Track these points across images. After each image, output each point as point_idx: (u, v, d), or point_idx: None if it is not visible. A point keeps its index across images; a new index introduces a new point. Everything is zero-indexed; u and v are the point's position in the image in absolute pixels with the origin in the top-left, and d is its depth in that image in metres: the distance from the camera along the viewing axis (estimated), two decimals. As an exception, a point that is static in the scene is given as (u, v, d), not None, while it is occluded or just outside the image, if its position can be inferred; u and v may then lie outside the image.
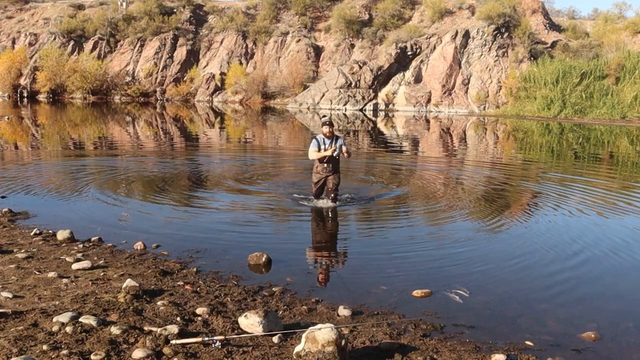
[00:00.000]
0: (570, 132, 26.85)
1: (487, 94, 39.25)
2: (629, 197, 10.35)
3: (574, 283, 5.38)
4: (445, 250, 6.23)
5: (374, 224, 7.33)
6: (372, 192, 9.79)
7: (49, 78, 43.82)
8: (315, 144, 7.97)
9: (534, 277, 5.46)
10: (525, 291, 5.07)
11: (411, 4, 47.75)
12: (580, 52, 39.36)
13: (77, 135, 20.51)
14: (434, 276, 5.36)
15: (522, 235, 7.12)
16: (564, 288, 5.21)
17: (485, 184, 11.38)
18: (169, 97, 45.47)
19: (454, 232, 7.10)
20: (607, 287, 5.33)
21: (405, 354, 3.65)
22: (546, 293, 5.04)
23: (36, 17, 52.97)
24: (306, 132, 24.59)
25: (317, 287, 5.08)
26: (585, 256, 6.27)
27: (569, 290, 5.15)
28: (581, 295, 5.07)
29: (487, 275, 5.47)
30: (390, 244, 6.39)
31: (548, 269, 5.74)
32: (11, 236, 6.20)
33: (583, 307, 4.78)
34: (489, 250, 6.33)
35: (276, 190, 9.57)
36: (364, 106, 39.67)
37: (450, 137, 23.95)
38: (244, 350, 3.55)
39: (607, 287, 5.33)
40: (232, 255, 5.80)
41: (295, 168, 12.85)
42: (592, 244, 6.78)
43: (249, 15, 50.14)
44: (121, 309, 4.11)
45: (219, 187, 10.15)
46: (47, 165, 12.48)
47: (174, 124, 26.96)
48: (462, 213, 8.33)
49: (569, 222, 7.93)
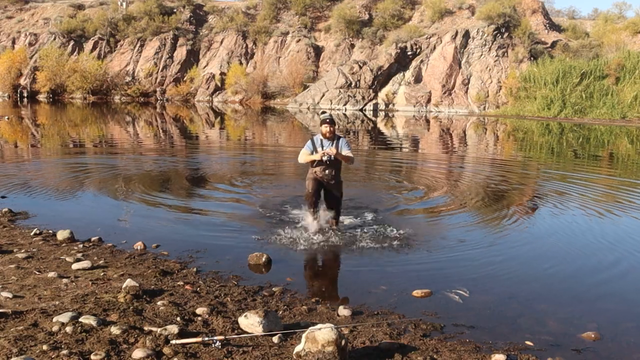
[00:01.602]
0: (570, 132, 26.85)
1: (487, 94, 39.25)
2: (630, 195, 10.35)
3: (574, 283, 5.38)
4: (445, 250, 6.22)
5: (373, 223, 7.32)
6: (371, 190, 9.79)
7: (49, 78, 43.82)
8: (309, 146, 6.66)
9: (534, 277, 5.45)
10: (525, 291, 5.07)
11: (411, 4, 47.76)
12: (580, 52, 39.36)
13: (77, 135, 20.51)
14: (434, 276, 5.36)
15: (522, 234, 7.11)
16: (564, 288, 5.21)
17: (485, 182, 11.38)
18: (169, 97, 45.47)
19: (454, 231, 7.10)
20: (607, 287, 5.33)
21: (405, 354, 3.65)
22: (546, 293, 5.04)
23: (36, 17, 52.97)
24: (306, 131, 24.60)
25: (317, 287, 5.07)
26: (585, 256, 6.27)
27: (569, 290, 5.15)
28: (581, 295, 5.07)
29: (487, 275, 5.46)
30: (390, 243, 6.38)
31: (548, 268, 5.74)
32: (11, 236, 6.20)
33: (583, 307, 4.78)
34: (489, 250, 6.32)
35: (270, 195, 9.52)
36: (364, 106, 39.67)
37: (451, 136, 23.94)
38: (244, 350, 3.55)
39: (607, 287, 5.33)
40: (232, 255, 5.80)
41: (295, 167, 12.85)
42: (592, 244, 6.78)
43: (249, 15, 50.15)
44: (121, 309, 4.11)
45: (219, 186, 10.15)
46: (47, 165, 12.48)
47: (174, 124, 26.96)
48: (462, 212, 8.33)
49: (569, 221, 7.92)
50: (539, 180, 12.21)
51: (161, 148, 16.97)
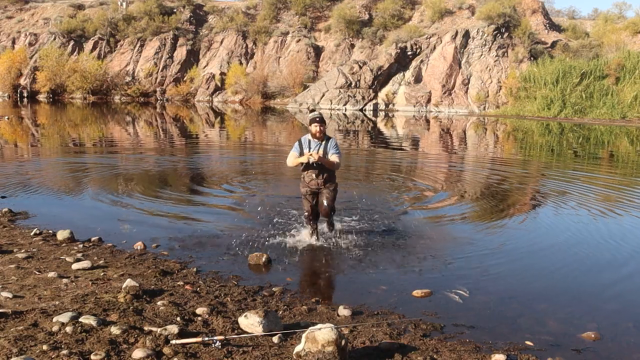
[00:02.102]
0: (570, 132, 26.85)
1: (487, 94, 39.26)
2: (631, 195, 10.34)
3: (574, 283, 5.38)
4: (445, 250, 6.22)
5: (373, 223, 7.32)
6: (371, 190, 9.78)
7: (49, 78, 43.84)
8: (297, 148, 6.19)
9: (534, 277, 5.45)
10: (525, 291, 5.07)
11: (411, 4, 47.78)
12: (580, 52, 39.37)
13: (77, 135, 20.50)
14: (434, 276, 5.36)
15: (522, 234, 7.11)
16: (564, 288, 5.21)
17: (485, 183, 11.38)
18: (169, 97, 45.48)
19: (454, 231, 7.10)
20: (607, 287, 5.33)
21: (405, 354, 3.65)
22: (546, 293, 5.03)
23: (36, 17, 52.98)
24: (305, 131, 24.57)
25: (317, 287, 5.07)
26: (585, 256, 6.27)
27: (569, 290, 5.15)
28: (581, 295, 5.07)
29: (487, 275, 5.46)
30: (390, 243, 6.38)
31: (548, 268, 5.73)
32: (11, 236, 6.20)
33: (583, 307, 4.78)
34: (489, 250, 6.32)
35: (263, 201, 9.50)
36: (364, 106, 39.67)
37: (451, 136, 23.94)
38: (244, 350, 3.55)
39: (607, 287, 5.33)
40: (232, 255, 5.80)
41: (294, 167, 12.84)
42: (592, 244, 6.78)
43: (249, 15, 50.16)
44: (121, 309, 4.11)
45: (219, 186, 10.15)
46: (48, 165, 12.48)
47: (174, 124, 26.96)
48: (462, 212, 8.33)
49: (569, 221, 7.92)
50: (539, 179, 12.20)
51: (161, 148, 16.96)
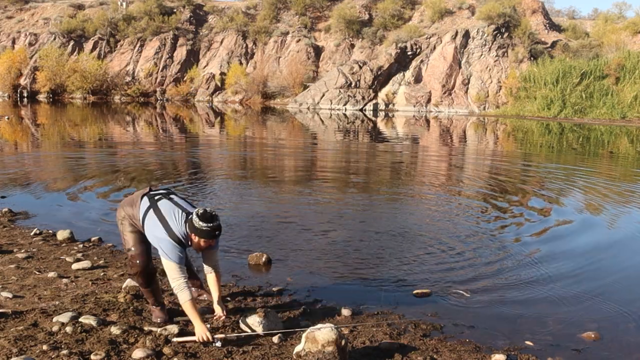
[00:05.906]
0: (570, 132, 26.85)
1: (487, 94, 39.26)
2: (631, 194, 10.34)
3: (574, 283, 5.38)
4: (445, 250, 6.22)
5: (374, 223, 7.32)
6: (371, 189, 9.79)
7: (49, 78, 43.79)
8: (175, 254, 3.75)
9: (534, 277, 5.45)
10: (525, 291, 5.07)
11: (411, 4, 47.75)
12: (580, 52, 39.37)
13: (77, 135, 20.50)
14: (434, 276, 5.36)
15: (522, 234, 7.11)
16: (564, 288, 5.21)
17: (485, 182, 11.37)
18: (169, 97, 45.45)
19: (454, 231, 7.10)
20: (607, 287, 5.33)
21: (405, 354, 3.65)
22: (546, 293, 5.04)
23: (36, 17, 52.96)
24: (305, 131, 24.60)
25: (317, 287, 5.07)
26: (585, 255, 6.27)
27: (569, 290, 5.15)
28: (581, 295, 5.07)
29: (487, 275, 5.46)
30: (390, 243, 6.38)
31: (547, 268, 5.73)
32: (11, 236, 6.20)
33: (583, 307, 4.77)
34: (489, 250, 6.32)
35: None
36: (364, 106, 39.67)
37: (451, 136, 23.95)
38: (244, 350, 3.55)
39: (607, 287, 5.33)
40: (232, 255, 5.80)
41: (295, 165, 12.85)
42: (591, 244, 6.78)
43: (249, 15, 50.14)
44: (121, 309, 4.11)
45: (219, 186, 10.15)
46: (48, 165, 12.47)
47: (174, 124, 26.95)
48: (462, 212, 8.32)
49: (568, 222, 7.92)
50: (539, 179, 12.20)
51: (161, 147, 16.96)
